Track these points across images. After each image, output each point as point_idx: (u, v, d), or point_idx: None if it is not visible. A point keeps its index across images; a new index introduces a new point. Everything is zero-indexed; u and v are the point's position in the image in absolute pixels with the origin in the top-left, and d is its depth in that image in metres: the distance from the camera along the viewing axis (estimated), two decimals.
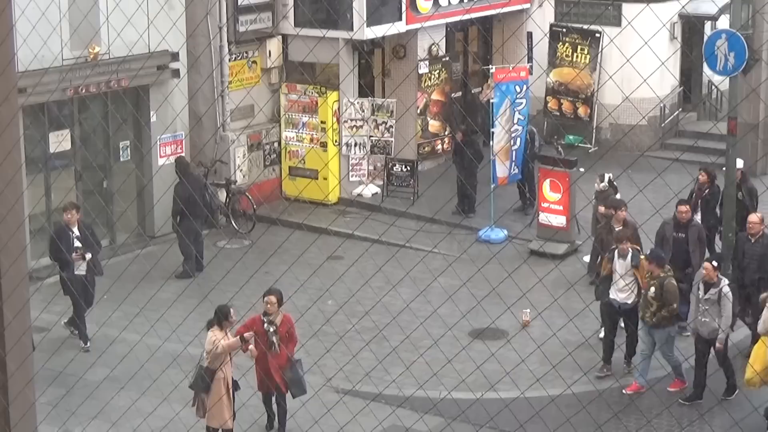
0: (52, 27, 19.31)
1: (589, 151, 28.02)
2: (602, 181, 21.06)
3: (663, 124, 28.40)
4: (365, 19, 24.31)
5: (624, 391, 16.97)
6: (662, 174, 20.07)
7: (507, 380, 16.63)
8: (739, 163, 20.09)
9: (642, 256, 17.32)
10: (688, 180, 19.58)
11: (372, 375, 15.71)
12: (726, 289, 16.25)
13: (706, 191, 20.23)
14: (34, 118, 21.19)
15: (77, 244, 18.30)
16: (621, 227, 18.18)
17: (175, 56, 22.71)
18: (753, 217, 17.98)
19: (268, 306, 15.47)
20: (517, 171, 23.97)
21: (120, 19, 19.51)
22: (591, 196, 21.64)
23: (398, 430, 14.90)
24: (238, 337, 15.04)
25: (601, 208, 20.52)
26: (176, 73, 22.91)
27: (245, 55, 25.22)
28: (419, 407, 16.05)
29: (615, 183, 21.33)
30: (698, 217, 19.82)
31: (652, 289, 16.49)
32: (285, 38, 25.58)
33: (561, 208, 22.21)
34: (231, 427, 15.22)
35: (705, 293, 16.32)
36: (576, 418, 16.39)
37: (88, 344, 18.66)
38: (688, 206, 18.68)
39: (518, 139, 23.86)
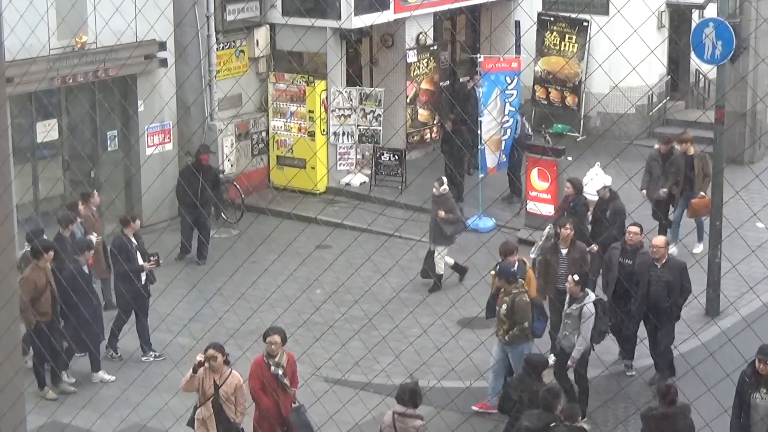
0: (39, 16, 19.23)
1: (577, 139, 28.04)
2: (441, 185, 20.20)
3: (651, 113, 28.43)
4: (353, 7, 24.29)
5: (473, 407, 16.16)
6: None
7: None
8: (607, 180, 19.65)
9: (529, 268, 16.64)
10: None
11: (361, 364, 15.72)
12: (589, 306, 15.62)
13: (572, 204, 19.39)
14: (22, 108, 21.13)
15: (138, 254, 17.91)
16: (567, 249, 17.18)
17: (162, 45, 22.66)
18: (657, 241, 16.84)
19: (272, 347, 14.00)
20: (505, 159, 23.98)
21: (107, 8, 19.45)
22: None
23: None
24: (191, 371, 13.70)
25: (441, 213, 19.89)
26: (164, 62, 22.86)
27: (233, 44, 25.17)
28: None
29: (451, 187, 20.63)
30: None
31: (504, 306, 15.71)
32: (273, 27, 25.53)
33: (549, 197, 22.21)
34: None
35: (568, 307, 15.80)
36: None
37: (120, 353, 18.29)
38: (639, 228, 17.17)
39: (508, 130, 23.82)
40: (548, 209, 22.15)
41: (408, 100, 26.48)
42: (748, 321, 16.89)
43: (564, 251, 17.21)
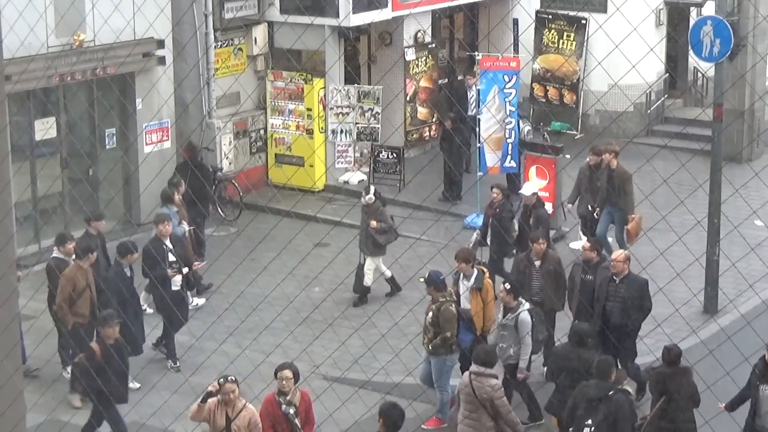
0: (38, 14, 19.27)
1: (576, 137, 28.04)
2: (368, 193, 19.81)
3: (649, 111, 28.43)
4: (352, 5, 24.29)
5: (423, 426, 15.83)
6: (650, 161, 20.00)
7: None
8: (534, 188, 19.59)
9: (487, 278, 16.31)
10: (675, 167, 19.56)
11: (360, 362, 15.70)
12: (524, 315, 15.34)
13: (497, 209, 19.21)
14: (20, 106, 21.12)
15: (171, 258, 17.43)
16: (541, 261, 16.88)
17: (161, 43, 22.65)
18: (618, 255, 16.40)
19: (283, 383, 13.02)
20: (514, 164, 23.63)
21: (106, 6, 19.47)
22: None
23: None
24: (199, 401, 12.77)
25: (373, 223, 19.48)
26: (162, 60, 22.85)
27: (231, 42, 25.16)
28: (407, 393, 16.06)
29: (382, 195, 20.29)
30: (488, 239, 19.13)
31: (430, 314, 15.54)
32: (271, 25, 25.53)
33: (547, 194, 22.17)
34: None
35: (503, 318, 15.56)
36: None
37: (178, 363, 17.56)
38: (590, 243, 16.99)
39: (512, 131, 23.59)
40: (546, 207, 22.08)
41: (408, 98, 26.48)
42: (747, 318, 16.91)
43: (537, 263, 16.96)
